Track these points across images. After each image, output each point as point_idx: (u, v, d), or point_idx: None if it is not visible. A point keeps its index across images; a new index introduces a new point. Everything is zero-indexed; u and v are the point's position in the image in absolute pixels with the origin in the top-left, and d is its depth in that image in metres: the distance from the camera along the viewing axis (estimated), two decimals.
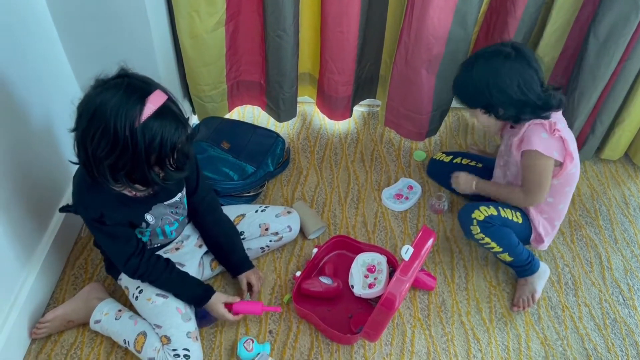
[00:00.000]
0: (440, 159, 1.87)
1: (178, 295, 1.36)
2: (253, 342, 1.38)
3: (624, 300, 1.59)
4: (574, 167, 1.46)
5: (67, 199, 1.57)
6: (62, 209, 1.35)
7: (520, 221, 1.55)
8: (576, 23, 1.68)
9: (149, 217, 1.30)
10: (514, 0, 1.61)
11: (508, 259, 1.55)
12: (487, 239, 1.52)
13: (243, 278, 1.47)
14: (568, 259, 1.68)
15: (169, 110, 1.09)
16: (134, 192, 1.22)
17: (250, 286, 1.48)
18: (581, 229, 1.77)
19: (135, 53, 1.53)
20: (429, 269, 1.62)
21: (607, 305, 1.57)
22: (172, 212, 1.36)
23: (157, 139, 1.06)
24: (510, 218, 1.53)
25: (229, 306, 1.40)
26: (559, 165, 1.43)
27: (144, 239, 1.36)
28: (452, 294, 1.57)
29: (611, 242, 1.74)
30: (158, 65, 1.58)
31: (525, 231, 1.56)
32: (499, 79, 1.40)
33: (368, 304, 1.50)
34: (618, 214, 1.83)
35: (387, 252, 1.55)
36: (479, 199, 1.63)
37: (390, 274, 1.51)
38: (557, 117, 1.47)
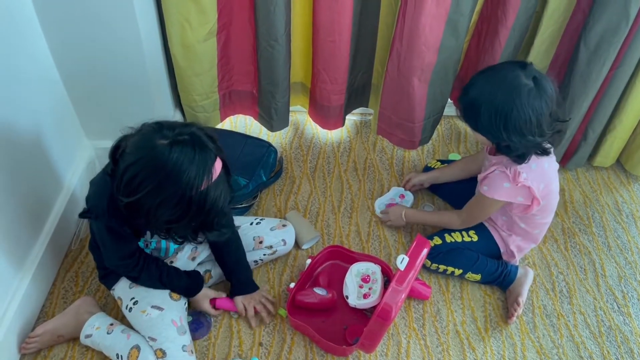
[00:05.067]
0: (435, 167, 1.86)
1: (172, 286, 1.37)
2: None
3: (619, 307, 1.58)
4: (549, 202, 1.45)
5: (57, 209, 1.55)
6: (82, 215, 1.27)
7: (475, 239, 1.58)
8: (566, 32, 1.68)
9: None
10: (505, 9, 1.61)
11: (477, 277, 1.57)
12: (442, 266, 1.58)
13: (238, 300, 1.47)
14: (562, 266, 1.68)
15: (223, 176, 1.14)
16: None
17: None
18: (575, 237, 1.77)
19: (125, 62, 1.52)
20: (424, 278, 1.61)
21: (602, 312, 1.57)
22: None
23: (214, 205, 1.11)
24: (460, 241, 1.57)
25: (212, 302, 1.45)
26: (526, 205, 1.43)
27: (147, 250, 1.37)
28: (447, 303, 1.57)
29: (605, 249, 1.74)
30: (149, 74, 1.57)
31: (489, 246, 1.58)
32: (520, 118, 1.27)
33: (363, 314, 1.49)
34: (611, 220, 1.84)
35: (382, 262, 1.54)
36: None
37: (385, 284, 1.50)
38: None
